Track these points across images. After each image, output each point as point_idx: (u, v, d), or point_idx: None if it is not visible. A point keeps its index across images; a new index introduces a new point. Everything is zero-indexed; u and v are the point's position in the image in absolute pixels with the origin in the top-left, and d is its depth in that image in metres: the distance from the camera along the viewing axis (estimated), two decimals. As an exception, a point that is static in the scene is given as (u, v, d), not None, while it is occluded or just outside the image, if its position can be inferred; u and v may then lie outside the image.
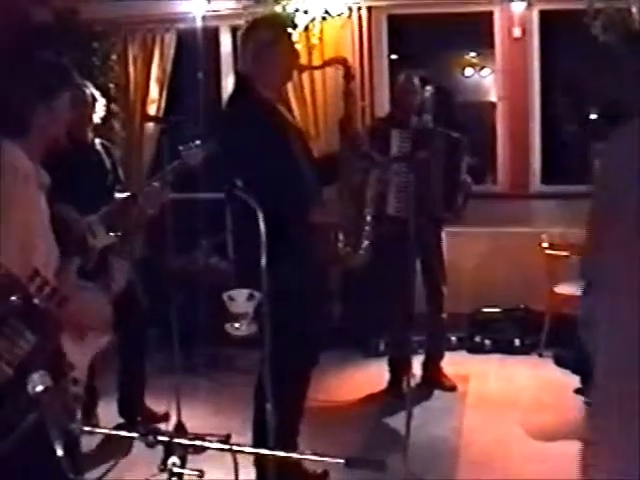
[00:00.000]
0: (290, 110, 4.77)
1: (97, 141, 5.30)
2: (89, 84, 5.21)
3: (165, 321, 5.02)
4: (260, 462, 3.94)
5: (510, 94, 7.39)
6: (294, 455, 2.02)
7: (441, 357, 6.13)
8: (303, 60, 6.44)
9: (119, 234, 4.86)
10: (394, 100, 5.86)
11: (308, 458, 1.97)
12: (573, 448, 4.73)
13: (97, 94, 5.22)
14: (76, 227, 4.70)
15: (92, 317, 2.75)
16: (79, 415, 2.84)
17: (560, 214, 6.98)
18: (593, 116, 7.64)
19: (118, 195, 5.06)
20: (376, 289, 6.05)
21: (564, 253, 6.40)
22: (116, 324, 5.10)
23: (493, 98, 7.70)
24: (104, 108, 5.30)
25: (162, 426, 5.07)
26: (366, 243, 4.22)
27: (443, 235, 6.06)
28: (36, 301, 2.45)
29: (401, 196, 5.53)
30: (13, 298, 2.37)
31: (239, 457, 1.95)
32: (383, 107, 7.48)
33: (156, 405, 5.38)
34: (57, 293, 2.55)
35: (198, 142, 4.70)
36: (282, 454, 1.94)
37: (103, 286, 2.96)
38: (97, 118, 5.24)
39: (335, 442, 4.76)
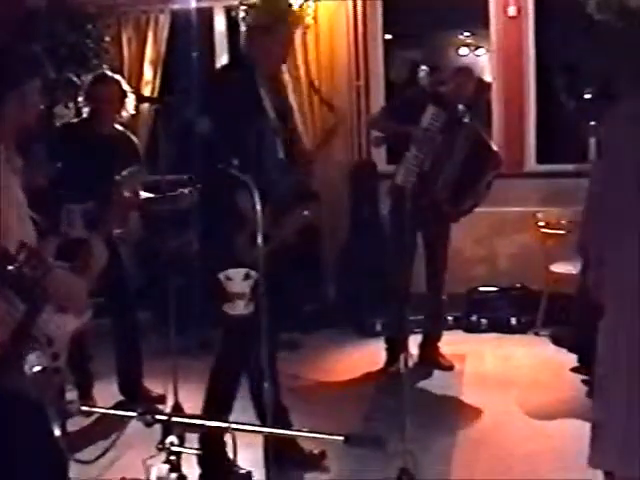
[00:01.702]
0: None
1: (120, 129, 5.32)
2: (122, 79, 5.27)
3: (161, 303, 5.01)
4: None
5: (505, 73, 7.37)
6: (294, 433, 2.02)
7: (439, 338, 6.12)
8: (297, 40, 6.40)
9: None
10: (443, 78, 5.83)
11: (307, 435, 1.97)
12: (570, 426, 4.79)
13: (128, 88, 5.24)
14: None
15: (68, 296, 2.78)
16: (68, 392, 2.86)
17: (555, 193, 6.97)
18: (587, 95, 7.61)
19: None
20: (372, 268, 6.04)
21: (560, 232, 6.41)
22: (108, 307, 5.15)
23: (488, 77, 7.67)
24: (134, 104, 5.32)
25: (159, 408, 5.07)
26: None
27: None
28: (26, 271, 2.46)
29: (411, 170, 5.57)
30: (10, 268, 2.39)
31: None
32: (378, 87, 7.47)
33: (153, 387, 5.39)
34: (43, 263, 2.57)
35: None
36: (282, 432, 1.94)
37: (83, 265, 2.98)
38: (126, 112, 5.27)
39: (332, 421, 4.76)
